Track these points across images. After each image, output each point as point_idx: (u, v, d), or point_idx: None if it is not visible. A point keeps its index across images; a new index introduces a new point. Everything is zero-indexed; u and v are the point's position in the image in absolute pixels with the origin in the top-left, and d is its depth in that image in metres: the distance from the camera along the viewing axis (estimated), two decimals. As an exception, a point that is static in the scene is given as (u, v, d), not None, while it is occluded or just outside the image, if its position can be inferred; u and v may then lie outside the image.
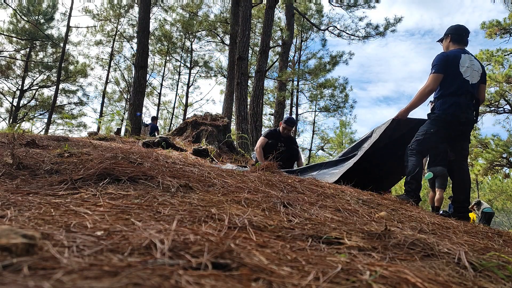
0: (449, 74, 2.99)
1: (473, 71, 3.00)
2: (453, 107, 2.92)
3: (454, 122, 2.94)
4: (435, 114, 3.00)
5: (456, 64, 2.98)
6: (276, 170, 3.02)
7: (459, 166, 3.03)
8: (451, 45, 3.19)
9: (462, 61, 2.99)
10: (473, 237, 1.54)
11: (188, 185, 1.59)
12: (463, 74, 2.96)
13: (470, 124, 3.02)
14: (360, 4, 15.91)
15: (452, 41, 3.19)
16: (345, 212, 1.60)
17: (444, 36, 3.28)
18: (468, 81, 2.96)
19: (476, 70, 3.03)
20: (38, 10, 21.08)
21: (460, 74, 2.96)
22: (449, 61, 2.99)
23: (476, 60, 3.09)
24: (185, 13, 19.74)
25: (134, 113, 10.44)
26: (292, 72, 16.26)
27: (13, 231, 0.66)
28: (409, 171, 2.98)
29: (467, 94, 2.95)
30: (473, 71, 3.00)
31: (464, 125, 2.98)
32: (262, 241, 0.91)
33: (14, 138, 2.17)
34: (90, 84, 58.63)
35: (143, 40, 10.88)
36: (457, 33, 3.18)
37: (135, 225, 0.91)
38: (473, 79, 2.99)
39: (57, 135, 4.26)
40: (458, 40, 3.16)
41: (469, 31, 3.22)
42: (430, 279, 0.74)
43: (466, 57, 3.03)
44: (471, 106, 2.98)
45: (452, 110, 2.92)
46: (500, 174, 17.85)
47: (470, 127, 3.06)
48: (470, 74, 2.98)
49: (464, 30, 3.19)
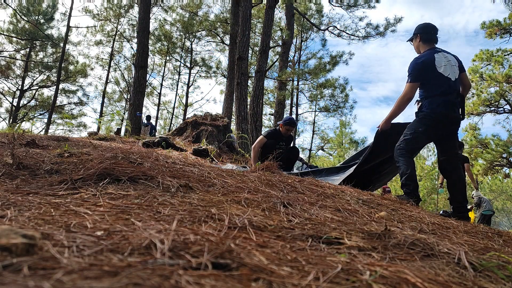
0: (431, 78, 2.97)
1: (451, 67, 2.98)
2: (442, 106, 2.90)
3: (443, 121, 2.92)
4: (423, 112, 2.97)
5: (432, 67, 2.95)
6: (276, 170, 3.02)
7: (453, 165, 3.00)
8: (421, 44, 3.16)
9: (438, 62, 2.97)
10: (473, 237, 1.54)
11: (188, 185, 1.59)
12: (443, 73, 2.94)
13: (458, 123, 3.01)
14: (360, 4, 15.92)
15: (422, 41, 3.17)
16: (345, 212, 1.60)
17: (413, 36, 3.25)
18: (450, 79, 2.94)
19: (454, 65, 3.00)
20: (38, 10, 21.07)
21: (441, 74, 2.93)
22: (424, 66, 2.97)
23: (450, 55, 3.07)
24: (185, 13, 19.75)
25: (134, 113, 10.44)
26: (292, 72, 16.25)
27: (13, 231, 0.66)
28: (402, 172, 2.94)
29: (453, 92, 2.94)
30: (451, 66, 2.98)
31: (453, 124, 2.97)
32: (262, 241, 0.91)
33: (14, 138, 2.17)
34: (90, 84, 58.60)
35: (143, 40, 10.89)
36: (426, 32, 3.16)
37: (135, 225, 0.91)
38: (453, 76, 2.97)
39: (57, 135, 4.26)
40: (428, 39, 3.14)
41: (437, 29, 3.19)
42: (430, 279, 0.74)
43: (440, 56, 3.00)
44: (457, 104, 2.97)
45: (440, 109, 2.90)
46: (500, 174, 17.84)
47: (458, 126, 3.05)
48: (450, 71, 2.96)
49: (433, 28, 3.17)
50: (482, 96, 16.41)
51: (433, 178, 24.51)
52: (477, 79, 16.46)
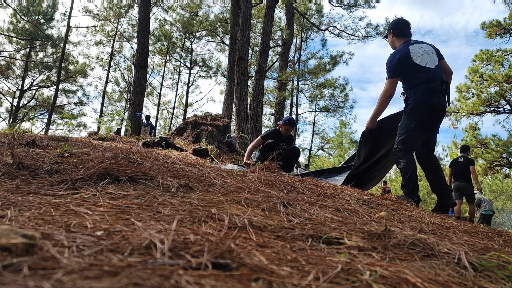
0: (408, 71, 2.96)
1: (429, 55, 2.97)
2: (427, 95, 2.88)
3: (431, 110, 2.90)
4: (410, 106, 2.96)
5: (408, 59, 2.96)
6: (276, 170, 3.02)
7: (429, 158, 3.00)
8: (395, 40, 3.20)
9: (413, 53, 2.97)
10: (473, 237, 1.54)
11: (188, 185, 1.59)
12: (420, 64, 2.93)
13: (443, 110, 2.98)
14: (360, 4, 15.93)
15: (395, 36, 3.21)
16: (345, 212, 1.60)
17: (387, 31, 3.31)
18: (429, 68, 2.93)
19: (431, 53, 3.00)
20: (38, 10, 21.08)
21: (418, 65, 2.93)
22: (401, 60, 2.98)
23: (425, 44, 3.07)
24: (185, 13, 19.74)
25: (134, 113, 10.44)
26: (292, 72, 16.25)
27: (13, 231, 0.66)
28: (403, 174, 2.92)
29: (436, 80, 2.91)
30: (428, 55, 2.97)
31: (438, 111, 2.93)
32: (262, 241, 0.91)
33: (14, 138, 2.17)
34: (90, 84, 58.69)
35: (143, 40, 10.89)
36: (398, 27, 3.21)
37: (135, 225, 0.91)
38: (432, 64, 2.95)
39: (57, 135, 4.26)
40: (401, 33, 3.18)
41: (409, 23, 3.22)
42: (430, 279, 0.74)
43: (415, 47, 3.01)
44: (442, 91, 2.94)
45: (426, 97, 2.88)
46: (500, 174, 17.83)
47: (443, 114, 3.02)
48: (428, 60, 2.95)
49: (404, 23, 3.21)
50: (482, 96, 16.39)
51: (433, 178, 24.46)
52: (477, 79, 16.44)
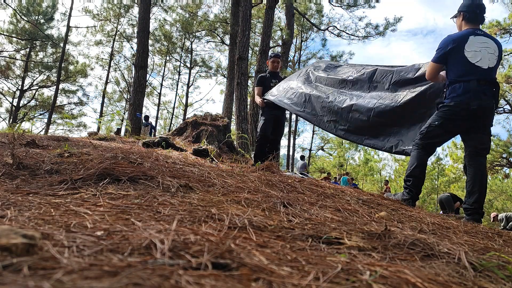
0: (455, 63, 2.69)
1: (488, 54, 2.65)
2: (462, 95, 2.61)
3: (463, 111, 2.62)
4: (442, 104, 2.73)
5: (460, 50, 2.66)
6: (276, 170, 3.02)
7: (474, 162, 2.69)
8: (464, 24, 2.82)
9: (469, 45, 2.66)
10: (473, 237, 1.54)
11: (188, 185, 1.59)
12: (471, 59, 2.64)
13: (485, 112, 2.64)
14: (360, 4, 15.95)
15: (464, 20, 2.81)
16: (345, 212, 1.60)
17: (457, 13, 2.89)
18: (479, 67, 2.62)
19: (492, 53, 2.67)
20: (38, 10, 21.08)
21: (467, 60, 2.64)
22: (452, 46, 2.69)
23: (492, 41, 2.72)
24: (185, 13, 19.75)
25: (134, 113, 10.44)
26: (292, 72, 16.25)
27: (13, 231, 0.66)
28: (408, 167, 2.83)
29: (479, 80, 2.61)
30: (487, 53, 2.65)
31: (476, 113, 2.62)
32: (262, 241, 0.91)
33: (14, 138, 2.17)
34: (90, 84, 58.86)
35: (143, 40, 10.89)
36: (470, 11, 2.79)
37: (135, 225, 0.91)
38: (486, 63, 2.64)
39: (57, 135, 4.26)
40: (472, 18, 2.78)
41: (485, 7, 2.81)
42: (430, 279, 0.74)
43: (476, 40, 2.68)
44: (486, 92, 2.61)
45: (460, 98, 2.62)
46: (500, 174, 17.83)
47: (487, 116, 2.67)
48: (483, 58, 2.64)
49: (479, 7, 2.79)
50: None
51: (433, 178, 24.51)
52: (477, 79, 16.43)
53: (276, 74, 4.90)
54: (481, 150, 2.70)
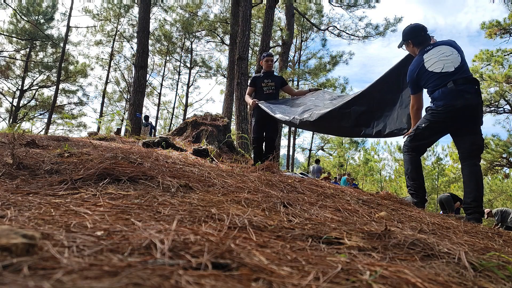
0: (425, 80, 2.86)
1: (446, 58, 2.81)
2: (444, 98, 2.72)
3: (449, 113, 2.72)
4: (430, 108, 2.86)
5: (423, 70, 2.86)
6: (276, 170, 3.02)
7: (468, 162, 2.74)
8: (416, 49, 3.04)
9: (427, 62, 2.86)
10: (473, 237, 1.54)
11: (188, 185, 1.59)
12: (435, 71, 2.80)
13: (473, 111, 2.71)
14: (360, 4, 15.95)
15: (415, 46, 3.05)
16: (345, 212, 1.60)
17: (404, 42, 3.13)
18: (446, 72, 2.75)
19: (449, 54, 2.82)
20: (38, 10, 21.09)
21: (433, 73, 2.81)
22: (417, 74, 2.90)
23: (444, 46, 2.88)
24: (185, 13, 19.75)
25: (134, 113, 10.44)
26: (292, 72, 16.26)
27: (13, 231, 0.66)
28: (405, 172, 2.97)
29: (455, 80, 2.71)
30: (445, 58, 2.81)
31: (464, 113, 2.69)
32: (262, 241, 0.91)
33: (14, 138, 2.17)
34: (90, 84, 58.90)
35: (143, 40, 10.89)
36: (414, 36, 3.03)
37: (135, 225, 0.91)
38: (450, 66, 2.77)
39: (57, 135, 4.25)
40: (420, 42, 3.01)
41: (425, 27, 3.03)
42: (430, 279, 0.74)
43: (431, 53, 2.87)
44: (468, 90, 2.70)
45: (443, 101, 2.73)
46: (500, 174, 17.83)
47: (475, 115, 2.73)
48: (444, 65, 2.78)
49: (420, 29, 3.02)
50: (482, 96, 16.38)
51: (433, 178, 24.51)
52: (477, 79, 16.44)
53: (270, 73, 4.86)
54: (473, 151, 2.76)
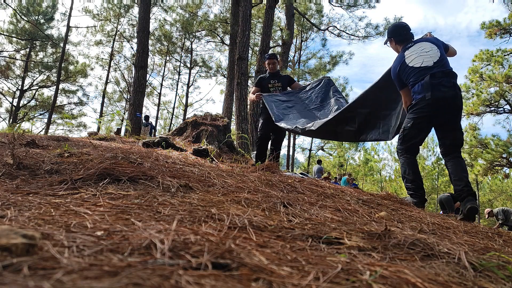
0: (407, 76, 2.95)
1: (426, 53, 2.91)
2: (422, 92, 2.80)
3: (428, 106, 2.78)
4: (410, 105, 2.94)
5: (404, 66, 2.97)
6: (276, 170, 3.02)
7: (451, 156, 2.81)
8: (398, 46, 3.18)
9: (407, 58, 2.96)
10: (473, 237, 1.54)
11: (188, 185, 1.59)
12: (415, 65, 2.90)
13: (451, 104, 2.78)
14: (360, 4, 15.96)
15: (397, 44, 3.18)
16: (345, 212, 1.60)
17: (388, 39, 3.28)
18: (425, 67, 2.85)
19: (429, 50, 2.93)
20: (38, 10, 21.09)
21: (413, 68, 2.90)
22: (400, 71, 3.00)
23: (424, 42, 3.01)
24: (185, 13, 19.76)
25: (134, 113, 10.45)
26: (292, 72, 16.26)
27: (13, 231, 0.66)
28: (402, 174, 3.02)
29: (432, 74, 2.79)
30: (425, 53, 2.91)
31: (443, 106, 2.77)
32: (262, 241, 0.91)
33: (14, 138, 2.17)
34: (90, 84, 58.92)
35: (143, 40, 10.89)
36: (396, 34, 3.18)
37: (135, 225, 0.91)
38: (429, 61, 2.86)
39: (57, 135, 4.25)
40: (402, 40, 3.14)
41: (408, 26, 3.17)
42: (430, 279, 0.74)
43: (411, 49, 2.99)
44: (444, 83, 2.78)
45: (421, 94, 2.80)
46: (500, 174, 17.82)
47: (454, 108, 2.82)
48: (423, 60, 2.89)
49: (403, 28, 3.17)
50: (482, 96, 16.39)
51: (433, 178, 24.51)
52: (477, 79, 16.45)
53: (276, 73, 4.88)
54: (455, 146, 2.85)
